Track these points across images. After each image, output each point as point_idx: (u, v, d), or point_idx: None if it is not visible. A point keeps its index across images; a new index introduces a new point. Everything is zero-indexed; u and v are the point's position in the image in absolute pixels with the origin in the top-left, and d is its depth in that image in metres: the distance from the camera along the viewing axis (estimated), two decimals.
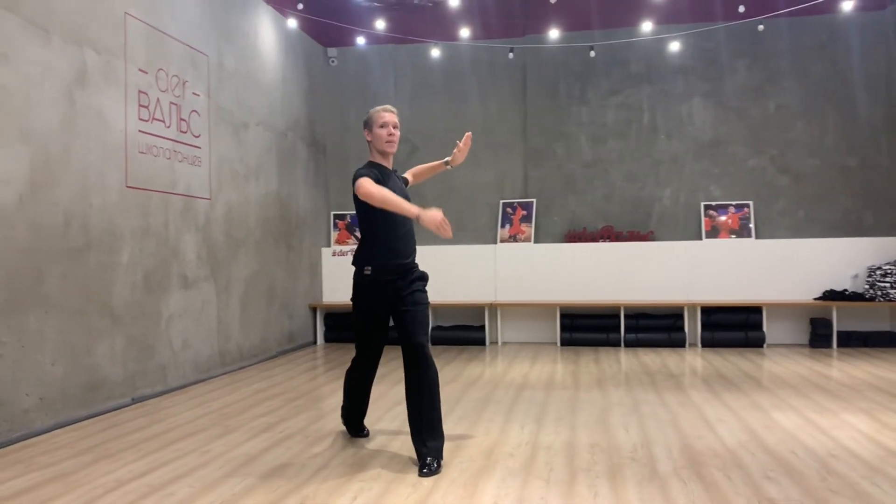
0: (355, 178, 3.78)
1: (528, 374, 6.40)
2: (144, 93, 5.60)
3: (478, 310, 8.72)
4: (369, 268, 3.87)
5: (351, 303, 4.04)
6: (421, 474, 3.49)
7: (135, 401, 5.37)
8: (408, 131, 9.24)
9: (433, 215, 3.54)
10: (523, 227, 8.99)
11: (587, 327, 8.44)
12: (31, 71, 4.45)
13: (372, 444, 4.15)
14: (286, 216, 8.14)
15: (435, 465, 3.56)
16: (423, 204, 8.72)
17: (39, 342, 4.48)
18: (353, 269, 3.98)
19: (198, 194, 6.30)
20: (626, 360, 7.21)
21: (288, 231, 8.19)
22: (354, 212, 9.15)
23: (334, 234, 9.40)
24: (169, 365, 5.84)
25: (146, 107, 5.62)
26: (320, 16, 8.47)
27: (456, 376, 6.37)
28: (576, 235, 8.84)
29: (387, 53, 9.34)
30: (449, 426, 4.49)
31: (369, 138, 3.99)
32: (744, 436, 4.16)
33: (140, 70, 5.55)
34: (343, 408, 4.30)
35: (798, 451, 3.82)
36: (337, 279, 9.17)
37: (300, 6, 7.90)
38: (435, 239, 9.19)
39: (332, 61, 9.45)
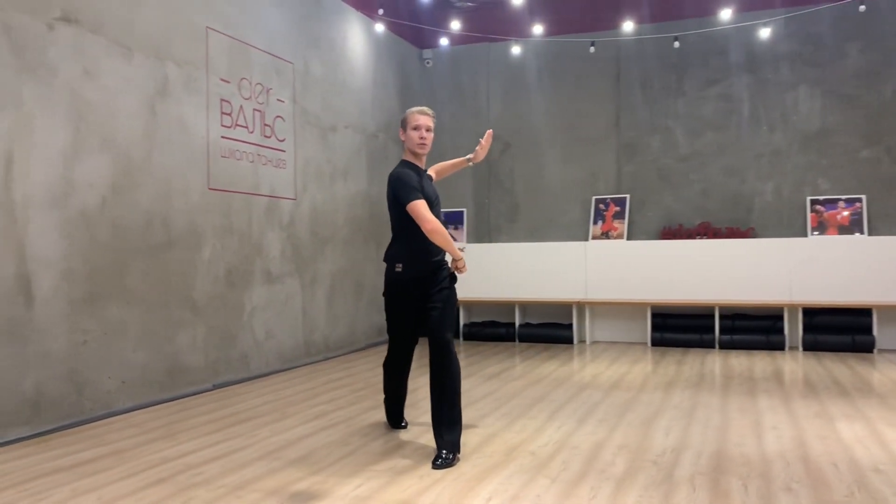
0: (395, 180, 3.91)
1: (599, 374, 6.31)
2: (227, 101, 6.03)
3: (567, 307, 8.65)
4: (400, 265, 3.98)
5: (383, 298, 4.16)
6: (434, 466, 3.59)
7: (216, 387, 5.81)
8: (500, 129, 9.31)
9: (463, 264, 3.96)
10: (616, 223, 8.81)
11: (680, 327, 8.17)
12: (113, 85, 4.93)
13: (406, 435, 4.28)
14: (376, 215, 8.44)
15: (451, 458, 3.64)
16: (516, 202, 8.73)
17: (122, 330, 4.96)
18: (385, 265, 4.11)
19: (282, 195, 6.69)
20: (712, 362, 6.93)
21: (378, 229, 8.48)
22: (449, 209, 9.42)
23: None
24: (251, 354, 6.26)
25: (228, 114, 6.05)
26: (413, 19, 8.70)
27: (525, 374, 6.39)
28: (671, 232, 8.56)
29: (480, 52, 9.43)
30: (489, 422, 4.55)
31: (403, 138, 4.11)
32: (790, 445, 3.94)
33: (222, 80, 5.98)
34: (384, 400, 4.47)
35: (840, 463, 3.58)
36: None
37: (381, 11, 8.16)
38: (526, 236, 9.21)
39: (428, 62, 9.66)
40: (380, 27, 8.32)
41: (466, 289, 9.16)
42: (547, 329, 8.59)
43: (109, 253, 4.87)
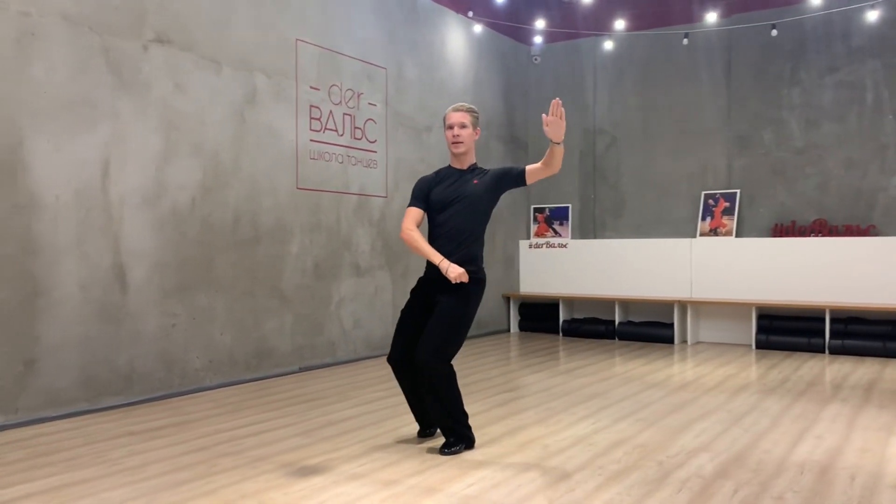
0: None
1: (674, 375, 6.19)
2: (316, 107, 6.51)
3: (669, 306, 8.44)
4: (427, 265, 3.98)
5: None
6: (440, 451, 3.79)
7: (302, 370, 6.32)
8: (606, 123, 9.23)
9: (453, 268, 3.71)
10: (725, 219, 8.48)
11: (787, 330, 7.74)
12: (203, 97, 5.52)
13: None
14: None
15: (459, 447, 3.82)
16: (622, 197, 8.65)
17: (209, 316, 5.56)
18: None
19: (373, 193, 7.11)
20: (812, 367, 6.55)
21: None
22: (554, 204, 9.48)
23: (533, 227, 9.72)
24: (338, 341, 6.73)
25: (318, 119, 6.53)
26: (520, 16, 8.83)
27: (601, 370, 6.38)
28: (783, 229, 8.11)
29: (587, 46, 9.37)
30: (528, 415, 4.68)
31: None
32: (821, 454, 3.76)
33: (311, 87, 6.47)
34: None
35: (859, 477, 3.39)
36: (534, 270, 9.49)
37: (470, 13, 8.34)
38: (632, 232, 9.08)
39: (536, 59, 9.74)
40: (477, 28, 8.53)
41: (568, 284, 9.20)
42: (648, 328, 8.44)
43: (198, 247, 5.48)
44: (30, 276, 4.46)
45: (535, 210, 9.74)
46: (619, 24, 8.61)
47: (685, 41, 8.47)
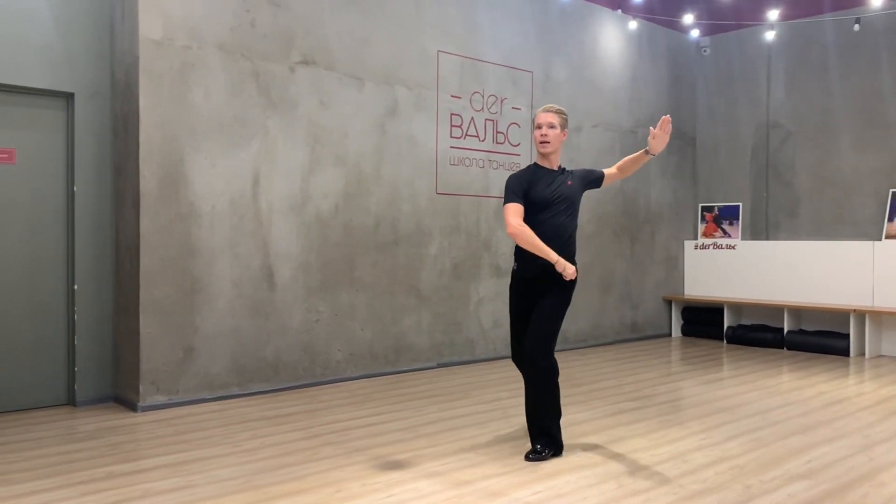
0: (505, 182, 4.09)
1: (829, 390, 5.72)
2: (457, 115, 6.78)
3: (844, 315, 7.72)
4: (516, 264, 4.10)
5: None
6: (526, 458, 3.89)
7: (440, 365, 6.64)
8: (780, 116, 8.62)
9: (570, 267, 3.84)
10: None
11: None
12: (346, 111, 5.99)
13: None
14: (631, 210, 8.50)
15: (544, 452, 3.90)
16: (797, 196, 8.15)
17: (350, 312, 6.04)
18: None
19: None
20: None
21: (633, 225, 8.54)
22: (723, 203, 9.01)
23: (701, 227, 9.30)
24: (477, 340, 6.97)
25: (458, 126, 6.79)
26: (680, 8, 8.50)
27: (749, 381, 6.05)
28: None
29: (760, 36, 8.77)
30: (639, 426, 4.61)
31: None
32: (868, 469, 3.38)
33: (452, 96, 6.74)
34: None
35: (870, 495, 3.03)
36: (700, 272, 9.10)
37: (618, 10, 8.11)
38: (810, 233, 8.44)
39: (705, 51, 9.29)
40: (633, 24, 8.31)
41: (735, 288, 8.72)
42: (821, 338, 7.79)
43: (341, 249, 5.96)
44: (189, 275, 5.15)
45: (704, 209, 9.31)
46: (790, 11, 7.98)
47: (856, 27, 7.68)
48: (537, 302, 4.01)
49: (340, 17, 5.94)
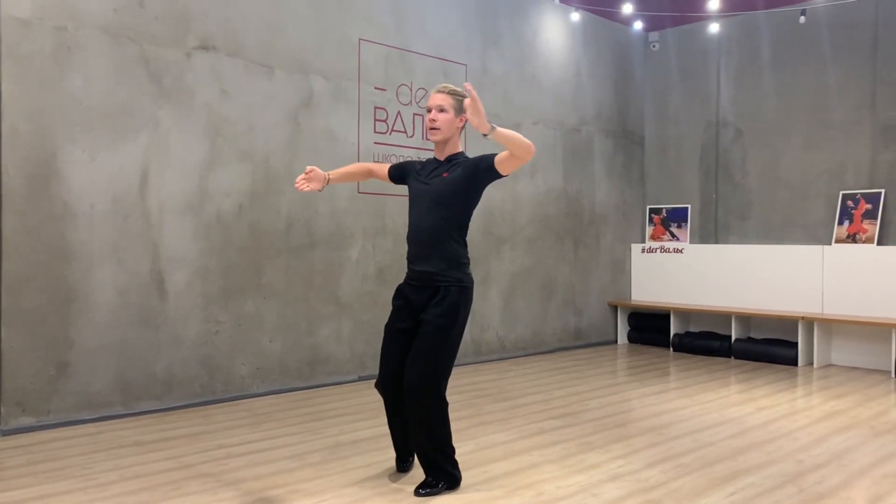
0: None
1: (772, 405, 5.34)
2: (382, 108, 6.30)
3: (793, 323, 7.38)
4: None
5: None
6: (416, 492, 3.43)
7: (362, 378, 6.15)
8: (731, 114, 8.28)
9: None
10: (866, 224, 7.28)
11: None
12: (253, 102, 5.48)
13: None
14: (574, 212, 8.09)
15: (440, 486, 3.44)
16: (748, 198, 7.59)
17: (257, 322, 5.53)
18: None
19: None
20: None
21: (576, 227, 8.13)
22: (672, 205, 8.64)
23: (649, 229, 8.92)
24: None
25: (383, 121, 6.32)
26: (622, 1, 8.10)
27: (687, 395, 5.66)
28: None
29: (710, 30, 8.40)
30: (554, 450, 4.18)
31: None
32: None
33: (377, 88, 6.26)
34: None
35: None
36: (647, 277, 8.72)
37: (556, 0, 7.71)
38: (760, 237, 8.10)
39: (654, 46, 8.92)
40: (576, 16, 7.90)
41: (683, 294, 8.36)
42: (769, 346, 7.44)
43: (246, 253, 5.45)
44: (63, 282, 4.61)
45: (651, 210, 8.94)
46: (739, 3, 7.63)
47: (802, 19, 7.35)
48: (421, 323, 3.47)
49: None
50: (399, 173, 3.75)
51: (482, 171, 3.47)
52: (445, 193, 3.48)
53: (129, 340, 4.89)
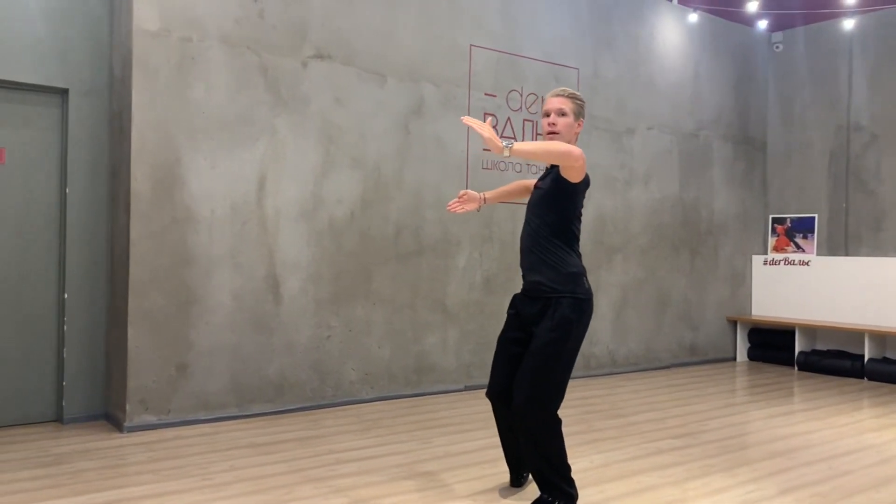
0: None
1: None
2: (491, 114, 6.21)
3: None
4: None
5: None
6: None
7: (468, 388, 6.07)
8: (863, 118, 7.71)
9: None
10: None
11: None
12: (365, 109, 5.51)
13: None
14: (691, 221, 7.73)
15: (556, 503, 3.29)
16: (883, 207, 7.16)
17: (366, 328, 5.54)
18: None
19: None
20: None
21: (693, 237, 7.77)
22: (797, 214, 8.13)
23: (772, 240, 8.42)
24: None
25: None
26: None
27: (817, 418, 5.26)
28: None
29: (841, 29, 7.87)
30: (675, 472, 3.95)
31: None
32: None
33: (486, 94, 6.18)
34: None
35: None
36: (769, 291, 8.23)
37: (674, 1, 7.38)
38: (895, 250, 7.50)
39: (777, 47, 8.44)
40: (693, 17, 7.57)
41: (809, 309, 7.84)
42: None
43: (356, 259, 5.47)
44: (184, 285, 4.75)
45: (775, 221, 8.44)
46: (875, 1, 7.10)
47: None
48: (533, 337, 3.33)
49: (360, 8, 5.48)
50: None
51: (560, 178, 3.30)
52: (540, 201, 3.39)
53: (244, 343, 4.99)
